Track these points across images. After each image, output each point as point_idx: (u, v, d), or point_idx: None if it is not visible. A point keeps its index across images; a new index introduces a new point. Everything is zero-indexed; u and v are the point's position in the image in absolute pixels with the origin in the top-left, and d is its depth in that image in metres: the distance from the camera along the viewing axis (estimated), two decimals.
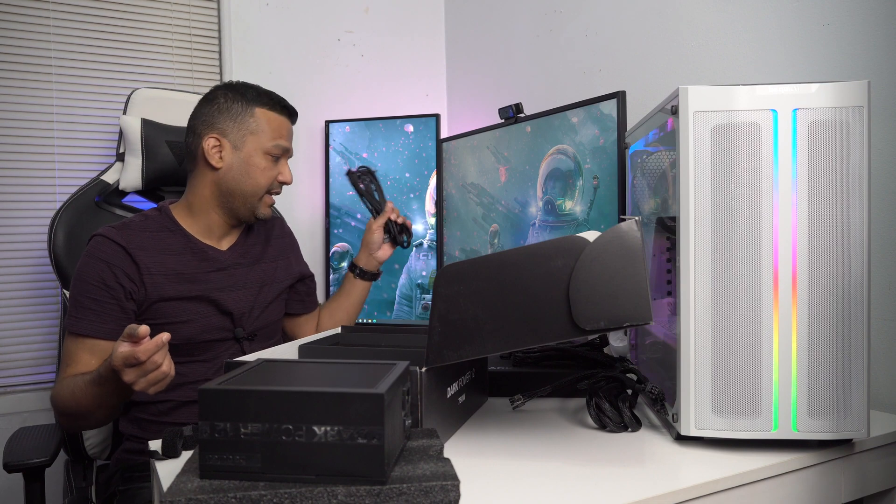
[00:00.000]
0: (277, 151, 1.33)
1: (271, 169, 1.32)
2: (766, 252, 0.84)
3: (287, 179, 1.35)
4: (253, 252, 1.39)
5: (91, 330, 1.20)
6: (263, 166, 1.31)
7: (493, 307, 0.85)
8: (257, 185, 1.31)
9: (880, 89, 1.09)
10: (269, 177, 1.32)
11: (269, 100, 1.34)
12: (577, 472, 0.80)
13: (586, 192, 1.41)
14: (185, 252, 1.30)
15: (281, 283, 1.43)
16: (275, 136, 1.32)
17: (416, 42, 2.36)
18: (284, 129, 1.35)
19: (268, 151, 1.31)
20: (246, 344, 1.32)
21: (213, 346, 1.29)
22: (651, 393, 0.96)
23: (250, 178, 1.30)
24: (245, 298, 1.33)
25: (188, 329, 1.25)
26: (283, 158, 1.35)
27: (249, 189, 1.31)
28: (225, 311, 1.30)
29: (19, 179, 1.82)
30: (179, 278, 1.27)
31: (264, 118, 1.31)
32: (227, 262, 1.34)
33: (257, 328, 1.35)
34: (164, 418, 1.27)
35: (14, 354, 1.81)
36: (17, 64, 1.81)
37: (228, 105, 1.31)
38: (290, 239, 1.53)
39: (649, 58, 1.56)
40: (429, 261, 2.07)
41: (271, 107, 1.33)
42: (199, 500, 0.64)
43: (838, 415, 0.84)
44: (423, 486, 0.66)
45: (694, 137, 0.85)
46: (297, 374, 0.77)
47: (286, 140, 1.35)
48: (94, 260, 1.22)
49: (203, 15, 2.06)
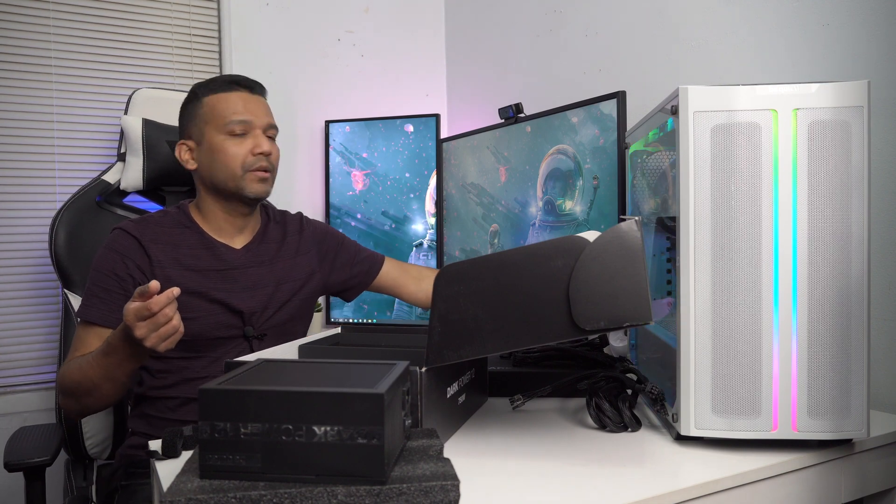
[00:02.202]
0: (238, 128, 1.29)
1: (239, 146, 1.29)
2: (766, 252, 0.84)
3: (263, 149, 1.30)
4: (268, 251, 1.38)
5: (100, 318, 1.22)
6: (227, 147, 1.29)
7: (493, 307, 0.85)
8: (228, 167, 1.29)
9: (880, 89, 1.09)
10: (238, 154, 1.29)
11: (216, 83, 1.32)
12: (577, 472, 0.81)
13: (586, 192, 1.41)
14: (199, 247, 1.31)
15: (297, 281, 1.39)
16: (227, 114, 1.29)
17: (416, 42, 2.36)
18: (238, 104, 1.30)
19: (227, 132, 1.29)
20: (255, 343, 1.32)
21: (222, 343, 1.29)
22: (651, 393, 0.96)
23: (220, 164, 1.29)
24: (257, 298, 1.32)
25: (197, 325, 1.25)
26: (254, 131, 1.31)
27: (224, 174, 1.30)
28: (234, 310, 1.29)
29: (20, 179, 1.82)
30: (191, 273, 1.28)
31: (212, 102, 1.30)
32: (240, 262, 1.33)
33: (269, 327, 1.34)
34: (172, 415, 1.27)
35: (14, 354, 1.81)
36: (17, 64, 1.81)
37: (185, 108, 1.34)
38: (313, 232, 1.48)
39: (649, 58, 1.56)
40: (429, 261, 2.07)
41: (217, 89, 1.31)
42: (199, 500, 0.64)
43: (838, 415, 0.84)
44: (423, 486, 0.66)
45: (694, 137, 0.85)
46: (297, 374, 0.77)
47: (243, 112, 1.30)
48: (109, 251, 1.26)
49: (203, 15, 2.06)
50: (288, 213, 1.50)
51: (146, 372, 1.30)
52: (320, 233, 1.50)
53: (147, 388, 1.29)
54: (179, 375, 1.28)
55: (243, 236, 1.37)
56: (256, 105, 1.33)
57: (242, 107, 1.31)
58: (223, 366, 1.28)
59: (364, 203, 2.13)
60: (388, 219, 2.11)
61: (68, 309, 1.51)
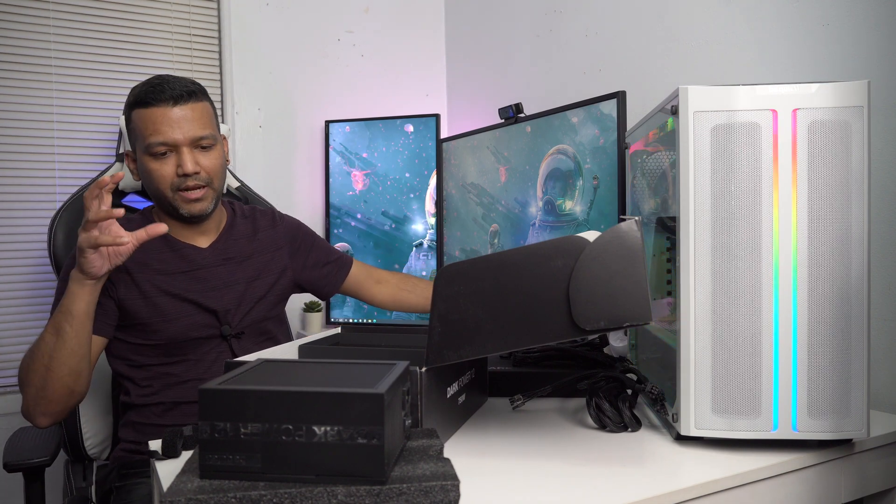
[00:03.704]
0: (159, 149, 1.21)
1: (162, 168, 1.22)
2: (766, 252, 0.84)
3: (186, 170, 1.21)
4: (237, 247, 1.35)
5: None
6: (152, 168, 1.23)
7: (493, 307, 0.85)
8: (158, 188, 1.25)
9: (880, 89, 1.09)
10: (162, 177, 1.23)
11: (139, 95, 1.23)
12: (577, 472, 0.80)
13: (586, 192, 1.41)
14: (164, 250, 1.28)
15: (270, 276, 1.37)
16: (146, 135, 1.21)
17: (416, 42, 2.36)
18: (158, 121, 1.20)
19: (149, 153, 1.22)
20: (234, 342, 1.30)
21: (199, 344, 1.28)
22: (651, 393, 0.96)
23: (151, 184, 1.25)
24: (229, 296, 1.30)
25: (174, 327, 1.24)
26: (180, 149, 1.22)
27: (157, 194, 1.26)
28: (208, 309, 1.27)
29: (19, 179, 1.82)
30: (162, 276, 1.26)
31: (136, 119, 1.23)
32: (207, 261, 1.31)
33: (246, 325, 1.32)
34: (158, 420, 1.27)
35: (14, 354, 1.81)
36: (17, 64, 1.81)
37: (126, 121, 1.28)
38: (286, 229, 1.45)
39: (649, 58, 1.56)
40: (429, 261, 2.07)
41: (139, 104, 1.22)
42: (199, 500, 0.64)
43: (838, 415, 0.84)
44: (423, 486, 0.66)
45: (694, 137, 0.85)
46: (297, 374, 0.77)
47: (163, 133, 1.20)
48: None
49: (203, 15, 2.06)
50: (258, 207, 1.47)
51: (131, 382, 1.29)
52: (293, 228, 1.47)
53: (133, 396, 1.28)
54: (163, 382, 1.27)
55: (207, 236, 1.34)
56: (179, 120, 1.21)
57: (162, 125, 1.21)
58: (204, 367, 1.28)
59: (364, 203, 2.13)
60: (388, 219, 2.11)
61: None
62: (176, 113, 1.21)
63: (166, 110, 1.21)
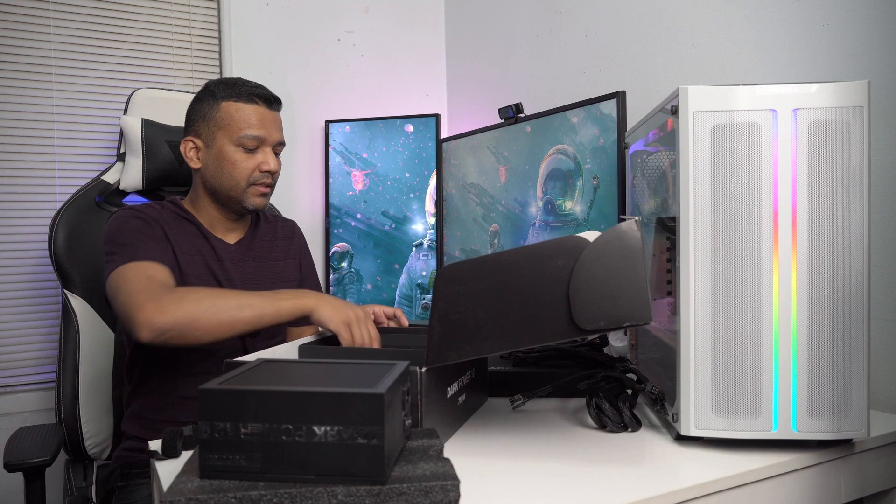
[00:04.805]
0: (250, 142, 1.30)
1: (248, 160, 1.31)
2: (766, 252, 0.84)
3: (271, 167, 1.32)
4: (260, 248, 1.41)
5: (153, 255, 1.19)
6: (236, 159, 1.30)
7: (493, 307, 0.85)
8: (233, 178, 1.31)
9: (880, 89, 1.09)
10: (245, 168, 1.31)
11: (237, 91, 1.31)
12: (577, 472, 0.80)
13: (586, 192, 1.41)
14: (199, 237, 1.34)
15: (285, 283, 1.43)
16: (242, 127, 1.29)
17: (416, 42, 2.36)
18: (255, 118, 1.31)
19: (238, 143, 1.30)
20: (248, 340, 1.32)
21: None
22: (651, 393, 0.96)
23: (225, 173, 1.31)
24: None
25: None
26: (264, 147, 1.32)
27: (227, 184, 1.31)
28: None
29: (19, 179, 1.82)
30: (194, 258, 1.30)
31: (231, 110, 1.30)
32: (234, 256, 1.36)
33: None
34: (166, 415, 1.27)
35: (14, 354, 1.81)
36: (17, 64, 1.81)
37: (200, 106, 1.33)
38: (301, 243, 1.53)
39: (649, 58, 1.56)
40: (429, 261, 2.07)
41: (238, 98, 1.31)
42: (199, 500, 0.64)
43: (838, 415, 0.84)
44: (423, 486, 0.66)
45: (694, 137, 0.85)
46: (297, 374, 0.77)
47: (258, 128, 1.31)
48: (130, 219, 1.26)
49: (203, 15, 2.06)
50: (281, 216, 1.54)
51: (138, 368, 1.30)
52: (305, 249, 1.54)
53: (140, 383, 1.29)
54: (173, 370, 1.28)
55: (235, 233, 1.40)
56: (272, 121, 1.34)
57: (259, 122, 1.31)
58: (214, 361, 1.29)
59: (364, 203, 2.13)
60: (388, 219, 2.11)
61: (68, 309, 1.51)
62: (270, 115, 1.34)
63: (264, 110, 1.32)
